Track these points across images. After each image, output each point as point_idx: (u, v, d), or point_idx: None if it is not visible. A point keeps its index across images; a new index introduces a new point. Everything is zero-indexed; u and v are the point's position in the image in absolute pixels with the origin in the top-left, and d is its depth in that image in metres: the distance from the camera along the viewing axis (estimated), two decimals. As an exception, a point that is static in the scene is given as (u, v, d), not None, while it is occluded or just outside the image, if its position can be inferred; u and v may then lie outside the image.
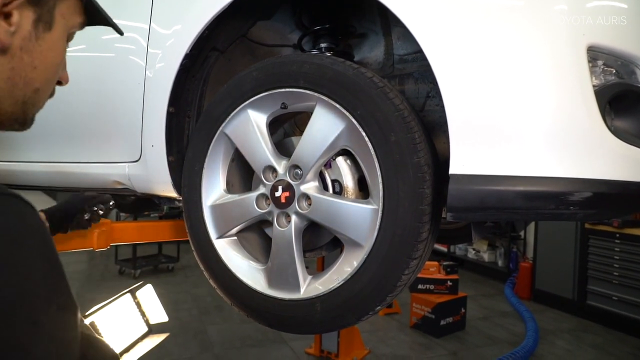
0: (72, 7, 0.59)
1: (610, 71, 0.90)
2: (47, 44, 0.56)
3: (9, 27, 0.51)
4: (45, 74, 0.57)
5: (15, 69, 0.53)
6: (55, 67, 0.59)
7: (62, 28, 0.58)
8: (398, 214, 0.95)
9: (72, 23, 0.60)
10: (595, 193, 0.84)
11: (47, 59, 0.57)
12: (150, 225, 1.89)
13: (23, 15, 0.52)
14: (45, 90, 0.59)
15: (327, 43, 1.37)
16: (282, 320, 1.13)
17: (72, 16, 0.60)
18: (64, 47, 0.60)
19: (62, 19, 0.58)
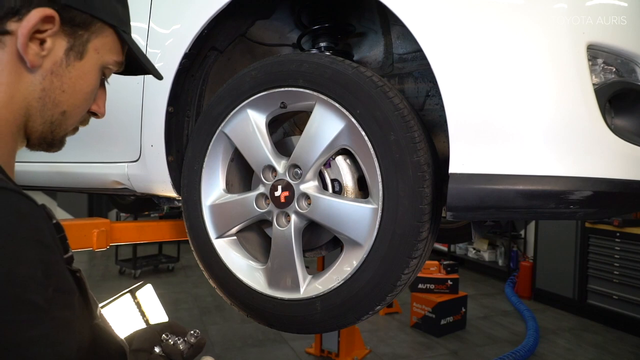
0: (107, 44, 0.65)
1: (610, 69, 0.90)
2: (77, 72, 0.62)
3: (40, 51, 0.57)
4: (73, 99, 0.63)
5: (45, 90, 0.59)
6: (83, 94, 0.64)
7: (94, 61, 0.64)
8: (398, 213, 0.95)
9: (106, 59, 0.65)
10: (595, 192, 0.83)
11: (75, 85, 0.62)
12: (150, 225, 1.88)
13: (56, 43, 0.59)
14: (72, 114, 0.64)
15: (327, 42, 1.37)
16: (282, 320, 1.13)
17: (107, 53, 0.65)
18: (94, 79, 0.65)
19: (95, 53, 0.63)
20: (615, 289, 4.67)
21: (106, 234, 1.60)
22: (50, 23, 0.57)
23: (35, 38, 0.57)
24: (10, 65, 0.56)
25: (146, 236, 1.84)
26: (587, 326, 4.76)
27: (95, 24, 0.62)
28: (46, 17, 0.56)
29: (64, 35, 0.59)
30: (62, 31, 0.59)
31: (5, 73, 0.56)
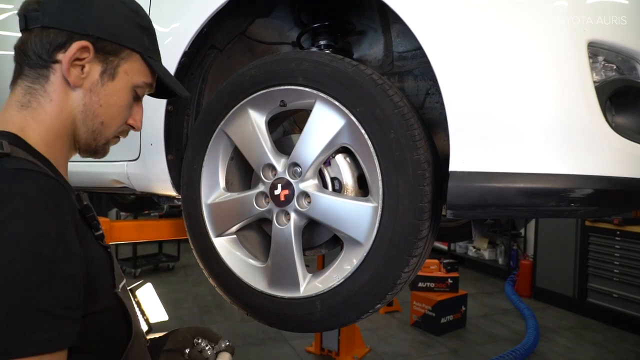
0: (136, 68, 0.78)
1: (611, 67, 0.89)
2: (110, 90, 0.76)
3: (80, 74, 0.73)
4: (109, 111, 0.77)
5: (86, 104, 0.75)
6: (117, 108, 0.78)
7: (124, 81, 0.77)
8: (398, 212, 0.95)
9: (135, 80, 0.79)
10: (596, 190, 0.83)
11: (110, 100, 0.76)
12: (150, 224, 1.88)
13: (92, 68, 0.74)
14: (109, 124, 0.78)
15: (326, 40, 1.36)
16: (282, 318, 1.13)
17: (136, 75, 0.78)
18: (125, 95, 0.78)
19: (125, 75, 0.77)
20: (615, 288, 4.67)
21: (106, 233, 1.60)
22: (87, 52, 0.72)
23: (76, 64, 0.72)
24: (59, 86, 0.73)
25: (146, 235, 1.84)
26: (587, 325, 4.77)
27: (124, 51, 0.76)
28: (82, 48, 0.71)
29: (98, 61, 0.74)
30: (97, 58, 0.74)
31: (56, 92, 0.72)
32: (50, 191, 0.59)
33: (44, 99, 0.72)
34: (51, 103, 0.72)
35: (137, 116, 0.83)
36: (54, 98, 0.72)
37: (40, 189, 0.58)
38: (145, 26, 0.79)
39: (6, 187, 0.57)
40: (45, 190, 0.59)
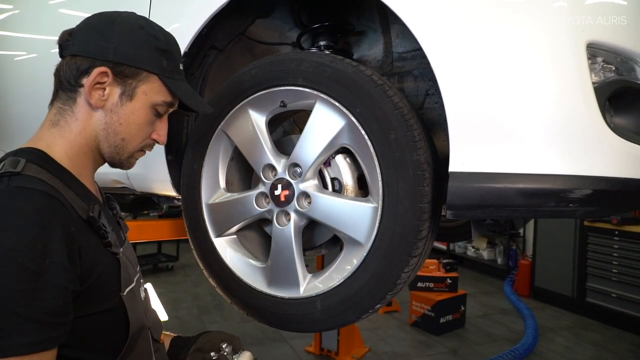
0: (154, 88, 0.84)
1: (610, 68, 0.90)
2: (129, 109, 0.82)
3: (101, 96, 0.80)
4: (129, 129, 0.83)
5: (107, 122, 0.82)
6: (136, 125, 0.84)
7: (143, 101, 0.83)
8: (398, 212, 0.95)
9: (154, 99, 0.84)
10: (595, 190, 0.84)
11: (129, 119, 0.83)
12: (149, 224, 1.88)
13: (112, 90, 0.81)
14: (130, 140, 0.84)
15: (326, 41, 1.37)
16: (282, 318, 1.13)
17: (155, 95, 0.84)
18: (144, 114, 0.84)
19: (144, 95, 0.83)
20: (613, 287, 4.68)
21: (106, 233, 1.60)
22: (106, 77, 0.79)
23: (97, 88, 0.79)
24: (83, 107, 0.81)
25: (146, 235, 1.84)
26: (586, 324, 4.78)
27: (142, 73, 0.82)
28: (102, 73, 0.78)
29: (117, 84, 0.81)
30: (116, 81, 0.80)
31: (81, 112, 0.81)
32: (42, 208, 0.66)
33: (70, 118, 0.81)
34: (76, 122, 0.81)
35: (162, 131, 0.89)
36: (79, 117, 0.81)
37: (33, 206, 0.65)
38: (164, 49, 0.84)
39: (4, 203, 0.65)
40: (37, 206, 0.65)
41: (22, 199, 0.65)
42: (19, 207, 0.64)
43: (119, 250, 0.80)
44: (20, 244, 0.61)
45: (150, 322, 0.89)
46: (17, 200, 0.65)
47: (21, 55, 1.78)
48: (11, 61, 1.80)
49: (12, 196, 0.65)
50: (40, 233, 0.63)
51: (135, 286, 0.85)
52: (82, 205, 0.74)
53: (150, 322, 0.90)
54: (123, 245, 0.86)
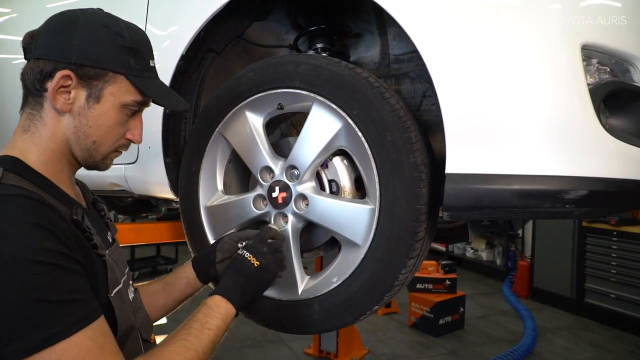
0: (122, 88, 0.81)
1: (605, 69, 0.90)
2: (97, 112, 0.80)
3: (67, 100, 0.78)
4: (99, 131, 0.81)
5: (76, 126, 0.80)
6: (106, 127, 0.82)
7: (111, 102, 0.81)
8: (395, 214, 0.95)
9: (123, 99, 0.82)
10: (590, 191, 0.84)
11: (98, 121, 0.81)
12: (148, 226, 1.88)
13: (77, 93, 0.79)
14: (101, 142, 0.83)
15: (323, 43, 1.37)
16: (281, 320, 1.13)
17: (123, 95, 0.81)
18: (113, 115, 0.82)
19: (111, 96, 0.80)
20: (612, 288, 4.69)
21: (104, 236, 1.60)
22: (70, 80, 0.77)
23: (62, 92, 0.77)
24: (50, 112, 0.79)
25: (144, 238, 1.84)
26: (585, 325, 4.78)
27: (107, 74, 0.79)
28: (65, 76, 0.76)
29: (82, 87, 0.78)
30: (80, 83, 0.78)
31: (49, 117, 0.79)
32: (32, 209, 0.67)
33: (40, 124, 0.79)
34: (45, 127, 0.79)
35: (136, 130, 0.87)
36: (47, 123, 0.79)
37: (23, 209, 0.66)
38: (131, 47, 0.81)
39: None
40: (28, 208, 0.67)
41: (11, 206, 0.66)
42: (11, 213, 0.65)
43: (104, 252, 0.80)
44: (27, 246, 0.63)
45: (139, 323, 0.90)
46: (7, 207, 0.66)
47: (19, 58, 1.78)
48: (9, 64, 1.80)
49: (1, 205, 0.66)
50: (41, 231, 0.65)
51: (123, 287, 0.85)
52: (64, 210, 0.74)
53: (140, 323, 0.90)
54: (111, 246, 0.86)
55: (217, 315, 0.88)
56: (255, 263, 0.98)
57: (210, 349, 0.82)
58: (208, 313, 0.88)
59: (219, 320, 0.87)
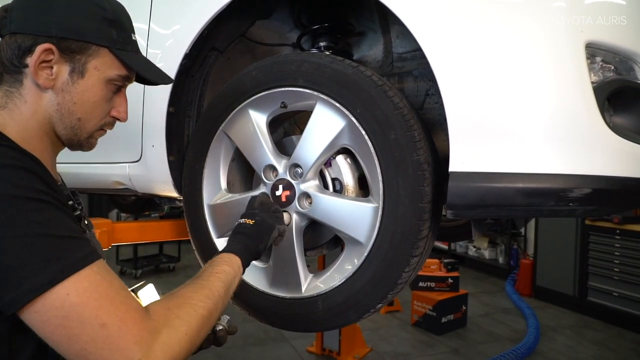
0: (106, 62, 0.78)
1: (609, 67, 0.90)
2: (81, 87, 0.77)
3: (49, 76, 0.74)
4: (84, 107, 0.78)
5: (60, 103, 0.77)
6: (91, 103, 0.79)
7: (95, 77, 0.78)
8: (398, 212, 0.95)
9: (108, 74, 0.79)
10: (594, 189, 0.84)
11: (83, 97, 0.77)
12: (151, 225, 1.89)
13: (61, 68, 0.75)
14: (87, 119, 0.80)
15: (326, 42, 1.37)
16: (284, 318, 1.14)
17: (108, 69, 0.78)
18: (99, 90, 0.79)
19: (96, 70, 0.77)
20: (615, 286, 4.68)
21: (108, 234, 1.61)
22: (51, 54, 0.73)
23: (44, 67, 0.74)
24: (31, 89, 0.75)
25: (147, 236, 1.85)
26: (588, 323, 4.77)
27: (90, 47, 0.76)
28: (46, 50, 0.73)
29: (65, 61, 0.75)
30: (63, 58, 0.75)
31: (29, 94, 0.75)
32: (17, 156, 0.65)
33: (19, 101, 0.75)
34: (26, 105, 0.75)
35: (121, 107, 0.84)
36: (28, 100, 0.75)
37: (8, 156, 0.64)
38: (112, 19, 0.78)
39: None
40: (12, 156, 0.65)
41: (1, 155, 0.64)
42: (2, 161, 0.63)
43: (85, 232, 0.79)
44: (18, 185, 0.61)
45: None
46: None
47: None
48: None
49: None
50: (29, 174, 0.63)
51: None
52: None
53: None
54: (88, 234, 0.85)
55: (222, 263, 0.87)
56: (251, 222, 0.98)
57: (223, 289, 0.81)
58: (213, 263, 0.87)
59: (225, 265, 0.86)
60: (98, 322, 0.59)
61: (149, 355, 0.60)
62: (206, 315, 0.73)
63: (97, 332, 0.59)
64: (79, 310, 0.59)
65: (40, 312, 0.58)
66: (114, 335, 0.59)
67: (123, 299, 0.63)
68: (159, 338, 0.63)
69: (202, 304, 0.74)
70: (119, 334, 0.60)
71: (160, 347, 0.62)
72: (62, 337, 0.59)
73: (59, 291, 0.58)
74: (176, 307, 0.70)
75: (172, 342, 0.64)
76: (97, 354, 0.59)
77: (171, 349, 0.64)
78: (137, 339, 0.60)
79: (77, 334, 0.59)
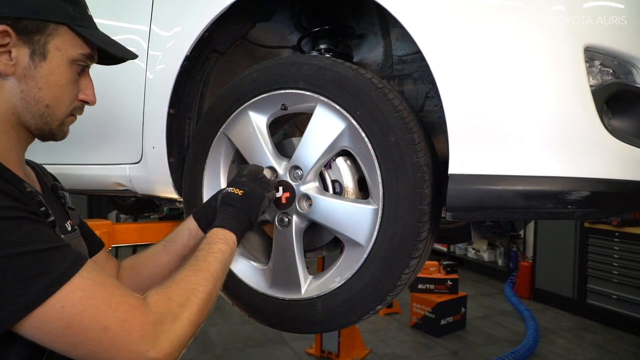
0: (67, 41, 0.74)
1: (607, 71, 0.91)
2: (45, 70, 0.72)
3: (9, 61, 0.70)
4: (51, 92, 0.74)
5: (24, 91, 0.72)
6: (58, 87, 0.74)
7: (58, 58, 0.73)
8: (398, 214, 0.96)
9: (71, 53, 0.75)
10: (592, 192, 0.84)
11: (49, 81, 0.73)
12: (151, 226, 1.89)
13: (20, 52, 0.70)
14: (56, 105, 0.75)
15: (327, 44, 1.38)
16: (284, 320, 1.14)
17: (70, 48, 0.74)
18: (64, 72, 0.74)
19: (57, 51, 0.73)
20: (614, 289, 4.68)
21: (108, 236, 1.60)
22: (7, 37, 0.69)
23: (1, 52, 0.69)
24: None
25: (147, 237, 1.84)
26: (587, 326, 4.77)
27: (48, 26, 0.72)
28: (1, 32, 0.68)
29: (23, 43, 0.70)
30: (21, 40, 0.70)
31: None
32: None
33: None
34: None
35: (88, 90, 0.80)
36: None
37: None
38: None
39: None
40: None
41: None
42: None
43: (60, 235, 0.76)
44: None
45: None
46: None
47: None
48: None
49: None
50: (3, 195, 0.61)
51: None
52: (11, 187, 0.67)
53: None
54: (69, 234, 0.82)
55: (218, 241, 0.87)
56: (239, 192, 0.97)
57: (221, 269, 0.81)
58: (209, 241, 0.86)
59: (221, 244, 0.86)
60: (100, 326, 0.60)
61: (156, 345, 0.62)
62: (206, 298, 0.74)
63: (102, 336, 0.59)
64: (79, 319, 0.59)
65: (39, 327, 0.58)
66: (119, 335, 0.60)
67: (119, 298, 0.63)
68: (163, 328, 0.64)
69: (202, 288, 0.74)
70: (123, 333, 0.60)
71: (166, 336, 0.64)
72: (68, 345, 0.59)
73: (53, 305, 0.58)
74: (176, 295, 0.70)
75: (177, 330, 0.66)
76: (106, 354, 0.60)
77: (177, 336, 0.65)
78: (142, 334, 0.61)
79: (82, 340, 0.59)
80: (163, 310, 0.66)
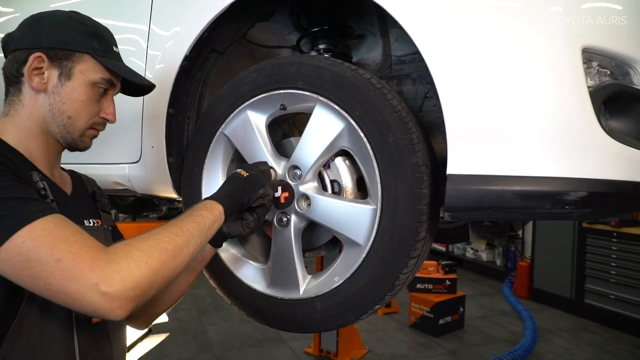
0: (90, 67, 0.91)
1: (605, 72, 0.91)
2: (69, 88, 0.90)
3: (42, 80, 0.89)
4: (72, 107, 0.91)
5: (52, 104, 0.90)
6: (79, 102, 0.91)
7: (81, 79, 0.91)
8: (396, 214, 0.96)
9: (92, 77, 0.92)
10: (590, 192, 0.85)
11: (71, 97, 0.90)
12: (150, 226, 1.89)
13: (51, 73, 0.89)
14: (76, 118, 0.92)
15: (326, 44, 1.38)
16: (282, 319, 1.14)
17: (91, 73, 0.91)
18: (85, 91, 0.91)
19: (81, 74, 0.91)
20: (612, 289, 4.69)
21: (107, 235, 1.60)
22: (42, 61, 0.88)
23: (36, 73, 0.88)
24: (28, 94, 0.90)
25: (146, 237, 1.85)
26: (585, 326, 4.79)
27: (74, 54, 0.90)
28: (37, 57, 0.87)
29: (54, 67, 0.89)
30: (52, 64, 0.89)
31: (27, 99, 0.90)
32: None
33: (19, 106, 0.90)
34: (24, 109, 0.90)
35: (109, 110, 0.96)
36: (25, 104, 0.90)
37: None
38: (94, 32, 0.93)
39: None
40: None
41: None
42: None
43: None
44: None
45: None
46: None
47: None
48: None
49: None
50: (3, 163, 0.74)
51: None
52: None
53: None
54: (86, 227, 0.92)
55: (201, 207, 0.93)
56: (245, 174, 1.04)
57: (196, 230, 0.85)
58: (193, 207, 0.93)
59: (204, 210, 0.92)
60: (54, 258, 0.66)
61: (106, 280, 0.67)
62: (171, 249, 0.78)
63: (55, 267, 0.66)
64: (35, 252, 0.66)
65: (6, 260, 0.66)
66: (69, 267, 0.67)
67: (78, 238, 0.70)
68: (116, 266, 0.69)
69: (167, 239, 0.79)
70: (74, 265, 0.67)
71: (119, 275, 0.68)
72: (28, 277, 0.67)
73: (15, 241, 0.66)
74: (136, 242, 0.76)
75: (132, 269, 0.70)
76: (59, 286, 0.67)
77: (131, 275, 0.69)
78: (92, 267, 0.67)
79: (39, 272, 0.66)
80: (119, 253, 0.71)
